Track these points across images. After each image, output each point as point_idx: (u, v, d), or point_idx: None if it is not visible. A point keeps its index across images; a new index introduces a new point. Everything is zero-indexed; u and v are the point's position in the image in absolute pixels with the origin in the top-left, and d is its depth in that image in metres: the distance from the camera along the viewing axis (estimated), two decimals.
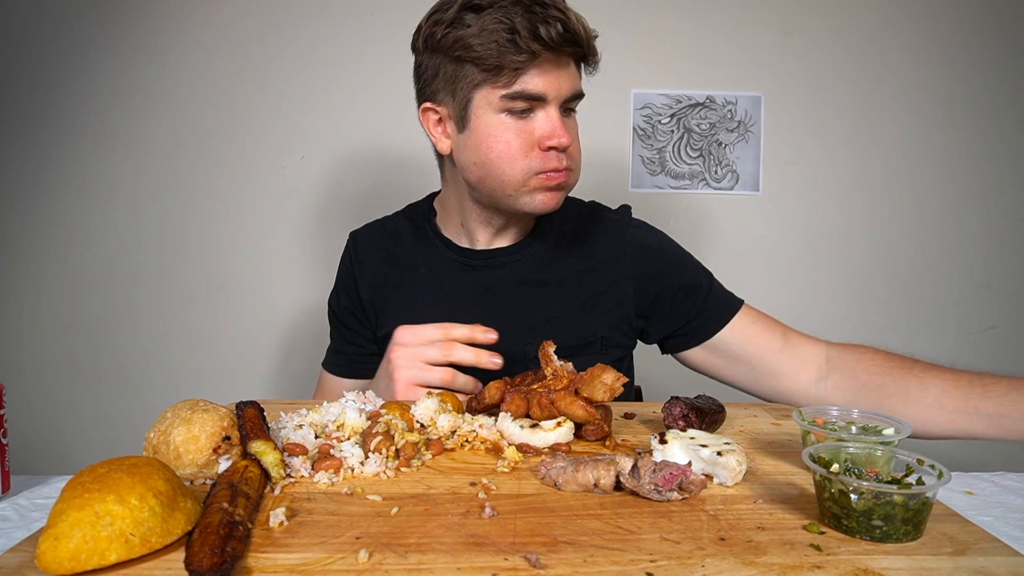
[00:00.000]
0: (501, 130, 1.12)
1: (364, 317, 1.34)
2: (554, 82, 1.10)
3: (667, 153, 2.11)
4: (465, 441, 0.88)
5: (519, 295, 1.28)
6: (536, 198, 1.16)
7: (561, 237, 1.32)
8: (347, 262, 1.38)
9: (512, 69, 1.07)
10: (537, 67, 1.08)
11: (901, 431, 0.80)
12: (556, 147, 1.11)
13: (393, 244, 1.36)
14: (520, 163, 1.12)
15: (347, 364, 1.36)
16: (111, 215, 2.07)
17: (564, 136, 1.11)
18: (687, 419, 0.91)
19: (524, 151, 1.12)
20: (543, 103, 1.11)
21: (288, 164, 2.09)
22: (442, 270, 1.31)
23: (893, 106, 2.11)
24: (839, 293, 2.15)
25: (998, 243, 2.15)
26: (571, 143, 1.14)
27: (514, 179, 1.14)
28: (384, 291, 1.32)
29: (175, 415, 0.76)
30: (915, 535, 0.61)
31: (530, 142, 1.12)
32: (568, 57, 1.11)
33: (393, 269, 1.33)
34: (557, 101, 1.12)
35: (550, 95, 1.10)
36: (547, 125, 1.11)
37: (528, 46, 1.04)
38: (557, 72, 1.10)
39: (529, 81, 1.08)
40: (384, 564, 0.56)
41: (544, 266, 1.29)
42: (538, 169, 1.13)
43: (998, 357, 2.16)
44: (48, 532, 0.55)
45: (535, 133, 1.12)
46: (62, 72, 2.02)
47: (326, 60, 2.05)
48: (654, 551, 0.59)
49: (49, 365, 2.09)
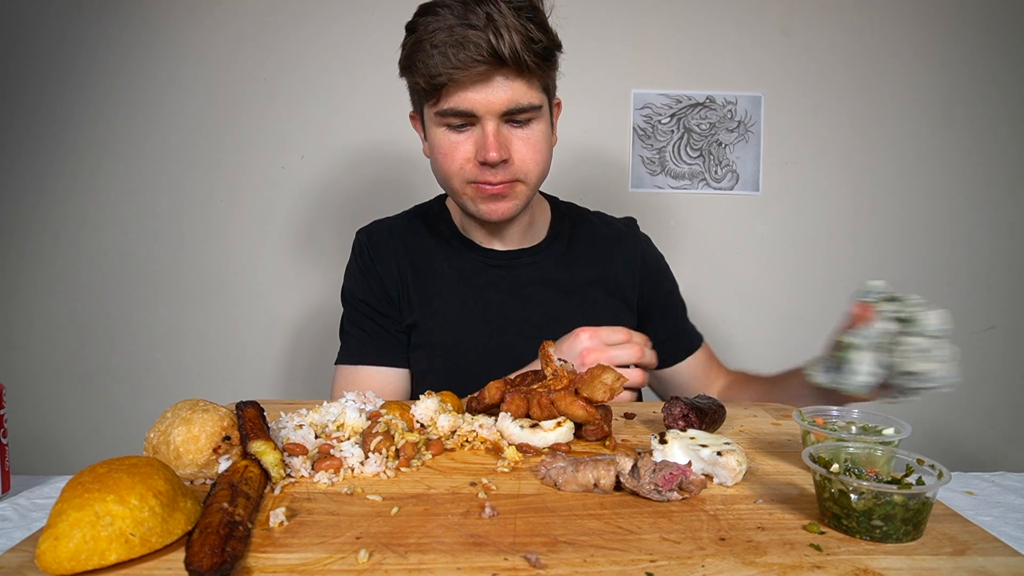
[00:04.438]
0: (442, 142, 1.18)
1: (392, 304, 1.35)
2: (483, 99, 1.12)
3: (667, 153, 2.11)
4: (465, 441, 0.88)
5: (540, 294, 1.33)
6: (479, 207, 1.22)
7: (575, 242, 1.38)
8: (364, 254, 1.37)
9: (439, 88, 1.11)
10: (462, 85, 1.11)
11: (901, 431, 0.80)
12: (486, 162, 1.14)
13: (409, 241, 1.37)
14: (456, 174, 1.19)
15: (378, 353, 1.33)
16: (111, 215, 2.07)
17: (493, 151, 1.13)
18: (687, 419, 0.91)
19: (460, 163, 1.17)
20: (476, 118, 1.14)
21: (288, 164, 2.08)
22: (464, 266, 1.34)
23: (893, 106, 2.11)
24: (839, 293, 2.14)
25: (998, 243, 2.14)
26: (508, 157, 1.16)
27: (454, 188, 1.22)
28: (405, 284, 1.34)
29: (175, 415, 0.76)
30: (915, 535, 0.61)
31: (465, 155, 1.17)
32: (496, 73, 1.11)
33: (411, 264, 1.35)
34: (491, 116, 1.13)
35: (479, 111, 1.13)
36: (480, 140, 1.15)
37: (444, 68, 1.08)
38: (487, 88, 1.11)
39: (456, 100, 1.12)
40: (384, 564, 0.56)
41: (564, 268, 1.35)
42: (471, 180, 1.18)
43: (998, 357, 2.16)
44: (48, 532, 0.55)
45: (471, 146, 1.16)
46: (60, 73, 2.02)
47: (326, 59, 2.05)
48: (654, 551, 0.59)
49: (49, 365, 2.09)
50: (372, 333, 1.35)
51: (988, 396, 2.15)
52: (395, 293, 1.34)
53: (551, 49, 1.15)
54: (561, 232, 1.38)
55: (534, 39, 1.10)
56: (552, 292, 1.33)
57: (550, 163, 1.26)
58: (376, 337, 1.35)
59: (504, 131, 1.15)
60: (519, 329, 1.30)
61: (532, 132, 1.18)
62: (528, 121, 1.17)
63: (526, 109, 1.15)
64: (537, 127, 1.19)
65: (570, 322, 1.25)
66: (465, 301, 1.32)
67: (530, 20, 1.10)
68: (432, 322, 1.32)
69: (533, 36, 1.10)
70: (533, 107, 1.15)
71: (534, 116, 1.17)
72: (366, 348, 1.34)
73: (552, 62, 1.17)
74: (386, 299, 1.35)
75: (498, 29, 1.07)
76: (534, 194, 1.27)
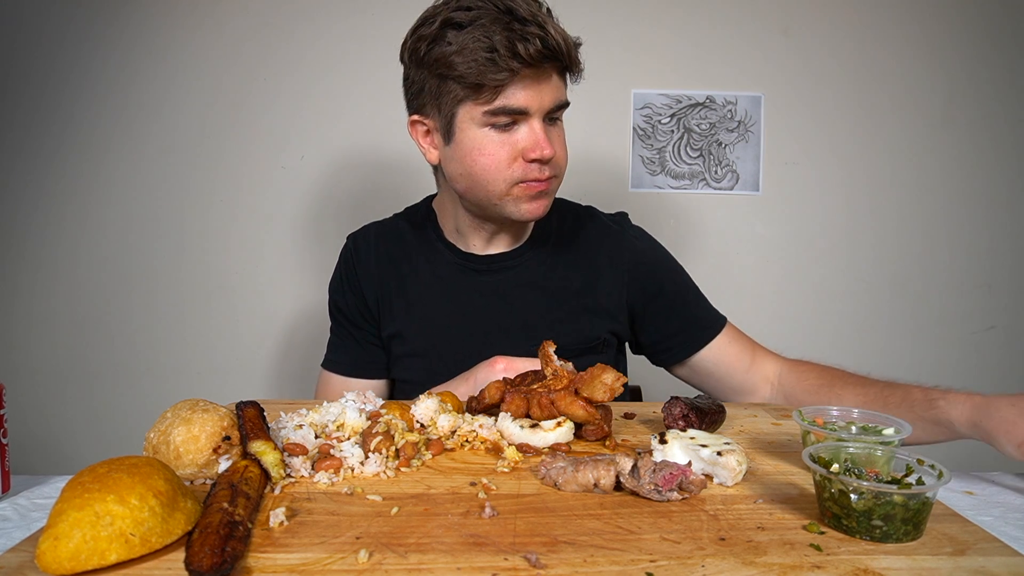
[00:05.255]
0: (485, 143, 1.14)
1: (370, 316, 1.35)
2: (535, 96, 1.11)
3: (667, 153, 2.11)
4: (465, 441, 0.88)
5: (522, 298, 1.30)
6: (521, 207, 1.19)
7: (560, 241, 1.34)
8: (349, 263, 1.37)
9: (493, 87, 1.09)
10: (518, 83, 1.10)
11: (901, 431, 0.80)
12: (539, 159, 1.14)
13: (394, 246, 1.36)
14: (504, 174, 1.15)
15: (353, 364, 1.36)
16: (110, 215, 2.07)
17: (547, 148, 1.13)
18: (687, 419, 0.91)
19: (507, 163, 1.14)
20: (526, 116, 1.13)
21: (288, 164, 2.08)
22: (445, 272, 1.32)
23: (893, 106, 2.11)
24: (839, 293, 2.15)
25: (998, 243, 2.14)
26: (555, 153, 1.16)
27: (498, 190, 1.17)
28: (387, 291, 1.33)
29: (175, 415, 0.76)
30: (915, 535, 0.61)
31: (513, 154, 1.14)
32: (549, 70, 1.12)
33: (395, 270, 1.34)
34: (540, 113, 1.13)
35: (532, 109, 1.12)
36: (530, 138, 1.13)
37: (508, 64, 1.06)
38: (538, 86, 1.11)
39: (510, 97, 1.10)
40: (384, 564, 0.56)
41: (546, 270, 1.32)
42: (520, 179, 1.16)
43: (998, 357, 2.16)
44: (48, 532, 0.55)
45: (518, 145, 1.14)
46: (60, 73, 2.02)
47: (326, 59, 2.05)
48: (654, 551, 0.59)
49: (49, 365, 2.09)
50: (347, 344, 1.37)
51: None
52: (375, 303, 1.34)
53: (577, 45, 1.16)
54: (547, 232, 1.35)
55: (566, 35, 1.12)
56: (533, 296, 1.30)
57: None
58: (351, 348, 1.36)
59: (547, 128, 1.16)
60: (499, 334, 1.27)
61: (561, 129, 1.21)
62: (558, 119, 1.20)
63: (564, 106, 1.18)
64: (562, 124, 1.22)
65: (550, 327, 1.25)
66: (445, 307, 1.30)
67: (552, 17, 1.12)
68: (413, 329, 1.31)
69: (564, 33, 1.11)
70: (567, 104, 1.18)
71: (562, 113, 1.20)
72: (341, 357, 1.37)
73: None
74: (364, 311, 1.35)
75: (544, 25, 1.07)
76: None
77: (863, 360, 2.15)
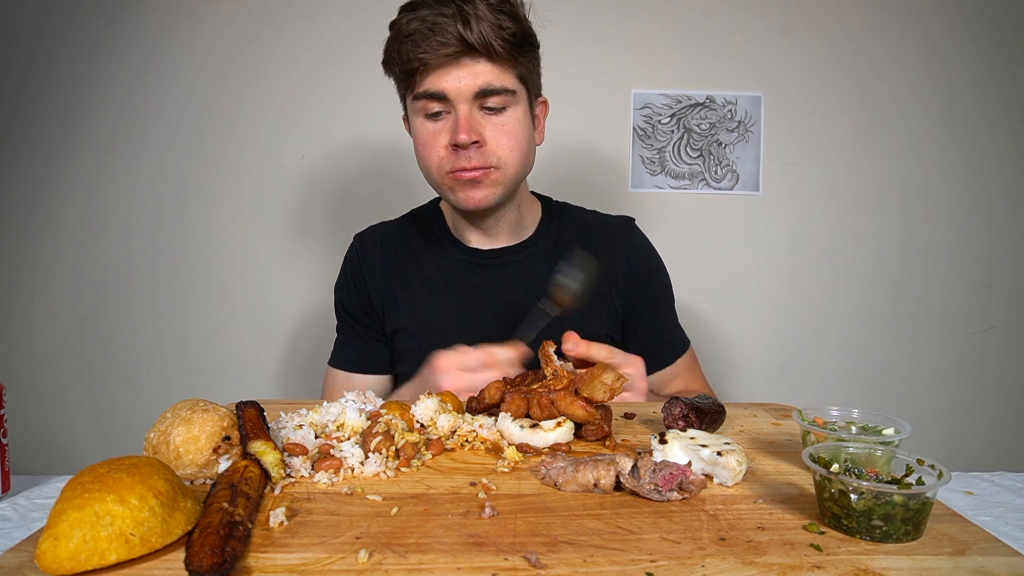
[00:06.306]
0: (421, 132, 1.21)
1: (374, 312, 1.37)
2: (453, 80, 1.15)
3: (667, 153, 2.11)
4: (465, 441, 0.88)
5: (525, 295, 1.30)
6: (458, 195, 1.23)
7: (564, 240, 1.36)
8: (355, 261, 1.40)
9: (414, 74, 1.16)
10: (439, 69, 1.15)
11: (901, 431, 0.80)
12: (456, 144, 1.16)
13: (399, 245, 1.39)
14: (435, 163, 1.21)
15: (358, 360, 1.39)
16: (111, 215, 2.07)
17: (463, 133, 1.15)
18: (687, 419, 0.91)
19: (436, 151, 1.20)
20: (452, 103, 1.16)
21: (288, 164, 2.08)
22: (451, 267, 1.35)
23: (893, 106, 2.11)
24: (839, 293, 2.15)
25: (998, 243, 2.14)
26: (480, 139, 1.17)
27: (432, 178, 1.24)
28: (392, 287, 1.36)
29: (175, 415, 0.76)
30: (915, 535, 0.61)
31: (442, 142, 1.19)
32: (471, 54, 1.14)
33: (400, 267, 1.36)
34: (463, 99, 1.16)
35: (450, 93, 1.15)
36: (452, 124, 1.17)
37: (415, 53, 1.12)
38: (457, 70, 1.15)
39: (428, 82, 1.16)
40: (384, 564, 0.56)
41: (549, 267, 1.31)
42: (449, 167, 1.20)
43: (998, 357, 2.15)
44: (48, 532, 0.55)
45: (447, 133, 1.18)
46: (60, 73, 2.02)
47: (326, 59, 2.05)
48: (654, 551, 0.59)
49: (49, 365, 2.09)
50: (353, 340, 1.39)
51: (988, 396, 2.15)
52: (379, 300, 1.36)
53: (522, 37, 1.17)
54: (550, 230, 1.38)
55: (503, 26, 1.13)
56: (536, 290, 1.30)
57: (531, 155, 1.27)
58: (356, 345, 1.39)
59: (478, 116, 1.18)
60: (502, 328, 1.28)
61: (506, 119, 1.21)
62: (502, 108, 1.20)
63: (498, 92, 1.17)
64: (512, 115, 1.21)
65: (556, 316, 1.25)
66: (450, 302, 1.33)
67: (502, 11, 1.14)
68: (417, 324, 1.33)
69: (503, 24, 1.13)
70: (505, 91, 1.17)
71: (508, 103, 1.19)
72: (348, 354, 1.40)
73: (525, 51, 1.19)
74: (368, 308, 1.37)
75: (467, 17, 1.11)
76: (515, 185, 1.27)
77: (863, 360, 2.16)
